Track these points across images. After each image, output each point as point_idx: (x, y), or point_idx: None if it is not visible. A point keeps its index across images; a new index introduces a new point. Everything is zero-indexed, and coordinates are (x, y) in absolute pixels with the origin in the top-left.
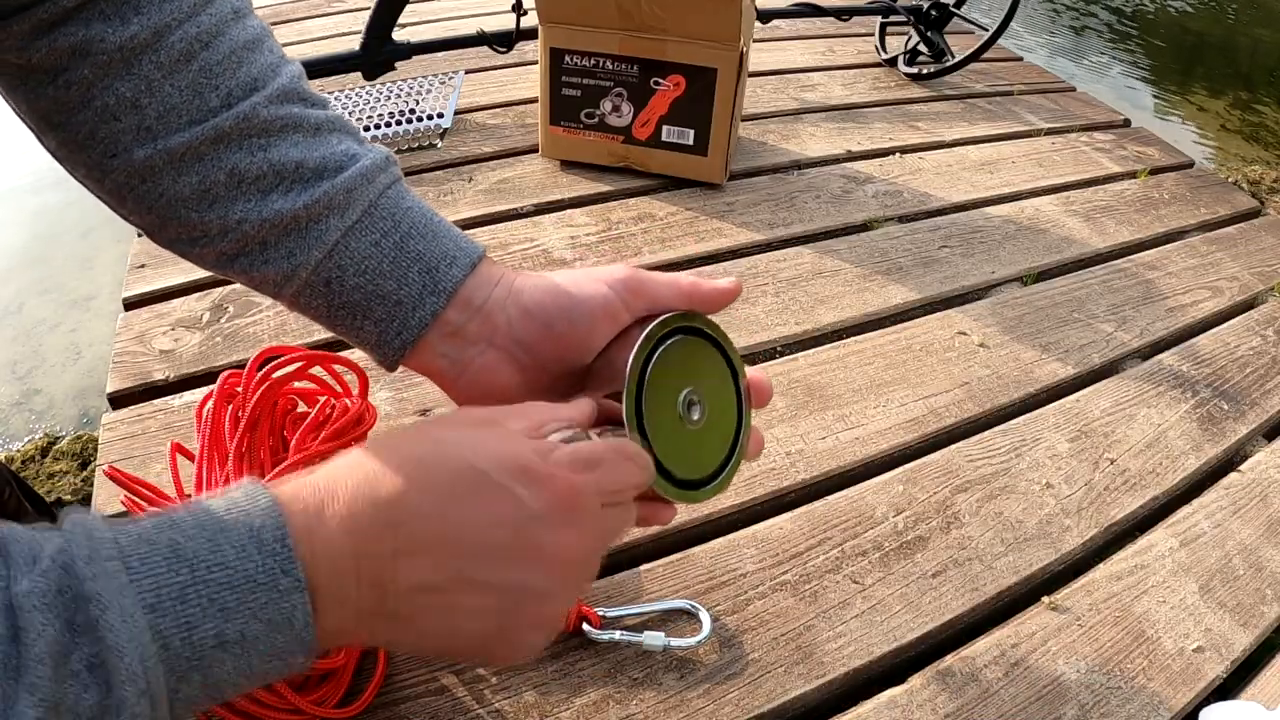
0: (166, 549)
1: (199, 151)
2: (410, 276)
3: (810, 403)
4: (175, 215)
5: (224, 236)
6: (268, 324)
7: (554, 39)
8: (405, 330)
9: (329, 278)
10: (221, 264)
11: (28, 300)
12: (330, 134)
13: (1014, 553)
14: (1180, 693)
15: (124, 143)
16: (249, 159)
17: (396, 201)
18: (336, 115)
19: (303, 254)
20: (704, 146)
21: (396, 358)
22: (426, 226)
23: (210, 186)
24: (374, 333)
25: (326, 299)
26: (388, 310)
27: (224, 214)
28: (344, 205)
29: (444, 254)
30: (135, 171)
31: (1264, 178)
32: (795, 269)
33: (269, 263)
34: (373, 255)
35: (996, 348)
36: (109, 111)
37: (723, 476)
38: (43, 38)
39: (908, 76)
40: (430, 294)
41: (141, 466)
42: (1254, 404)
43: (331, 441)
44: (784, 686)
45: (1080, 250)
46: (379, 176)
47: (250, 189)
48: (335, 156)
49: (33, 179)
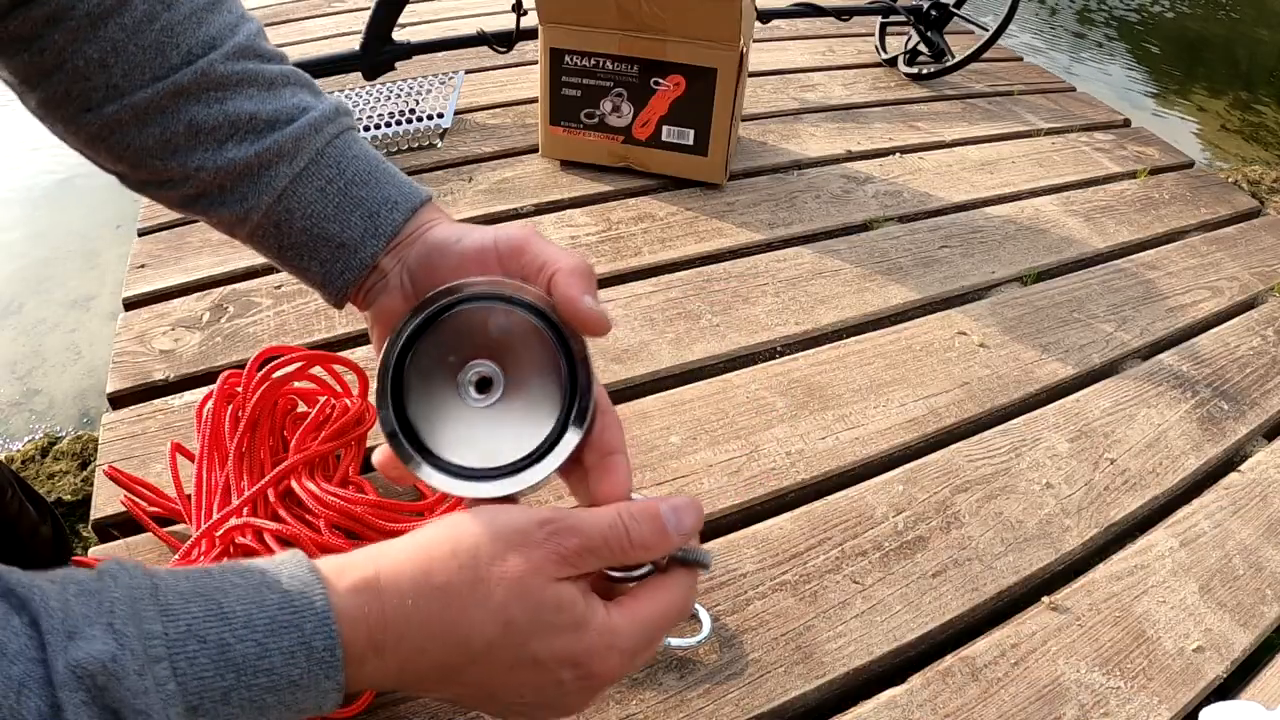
0: (215, 649)
1: (161, 105)
2: (352, 221)
3: (810, 403)
4: (142, 163)
5: (185, 182)
6: (268, 324)
7: (554, 39)
8: (348, 271)
9: (278, 220)
10: (185, 205)
11: (28, 300)
12: (284, 87)
13: (1014, 553)
14: (1180, 693)
15: (95, 99)
16: (206, 111)
17: (343, 150)
18: (291, 69)
19: (254, 198)
20: (704, 146)
21: (341, 296)
22: (370, 174)
23: (171, 138)
24: (319, 273)
25: (276, 240)
26: (331, 252)
27: (184, 162)
28: (292, 153)
29: (385, 199)
30: (105, 125)
31: (1264, 178)
32: (795, 269)
33: (225, 205)
34: (318, 200)
35: (996, 348)
36: (80, 73)
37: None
38: (19, 9)
39: (908, 76)
40: (370, 237)
41: (141, 466)
42: (1254, 404)
43: (331, 441)
44: (784, 686)
45: (1080, 250)
46: (327, 126)
47: (208, 139)
48: (287, 109)
49: (33, 179)
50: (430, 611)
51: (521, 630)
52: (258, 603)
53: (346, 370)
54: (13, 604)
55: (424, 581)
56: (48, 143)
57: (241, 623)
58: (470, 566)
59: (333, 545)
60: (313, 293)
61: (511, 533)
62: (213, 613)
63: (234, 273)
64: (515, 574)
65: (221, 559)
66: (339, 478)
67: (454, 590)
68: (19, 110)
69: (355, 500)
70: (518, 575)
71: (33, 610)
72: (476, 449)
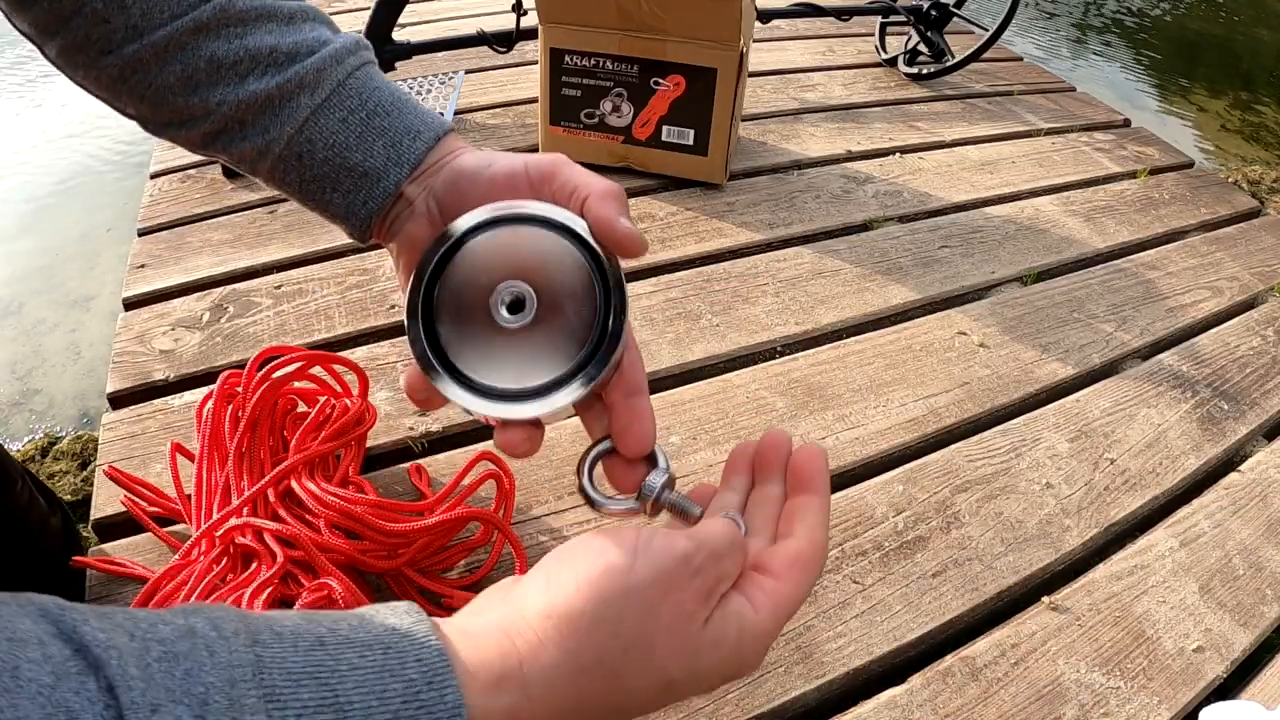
0: None
1: (181, 42)
2: (375, 150)
3: (810, 403)
4: (164, 102)
5: (207, 118)
6: (268, 324)
7: (554, 39)
8: (371, 200)
9: (300, 152)
10: (206, 143)
11: (28, 300)
12: (304, 22)
13: (1014, 553)
14: (1180, 693)
15: (115, 41)
16: (226, 46)
17: (365, 82)
18: (309, 6)
19: (276, 129)
20: (704, 146)
21: (365, 227)
22: (393, 104)
23: (192, 74)
24: (342, 204)
25: (298, 173)
26: (354, 182)
27: (206, 97)
28: (314, 84)
29: (408, 128)
30: (126, 66)
31: (1264, 178)
32: (795, 269)
33: (246, 139)
34: (340, 130)
35: (996, 348)
36: (98, 15)
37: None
38: None
39: (908, 76)
40: (394, 165)
41: (141, 466)
42: (1254, 404)
43: (331, 441)
44: (784, 686)
45: (1080, 250)
46: (348, 59)
47: (229, 74)
48: (307, 42)
49: (33, 179)
50: (582, 692)
51: (682, 684)
52: (379, 694)
53: (346, 370)
54: (89, 662)
55: (572, 664)
56: (47, 143)
57: (360, 717)
58: (619, 635)
59: (333, 545)
60: (313, 293)
61: (656, 578)
62: (327, 702)
63: (234, 273)
64: (669, 631)
65: (221, 559)
66: (339, 478)
67: (607, 665)
68: (19, 111)
69: (355, 500)
70: (672, 632)
71: (109, 676)
72: (505, 369)
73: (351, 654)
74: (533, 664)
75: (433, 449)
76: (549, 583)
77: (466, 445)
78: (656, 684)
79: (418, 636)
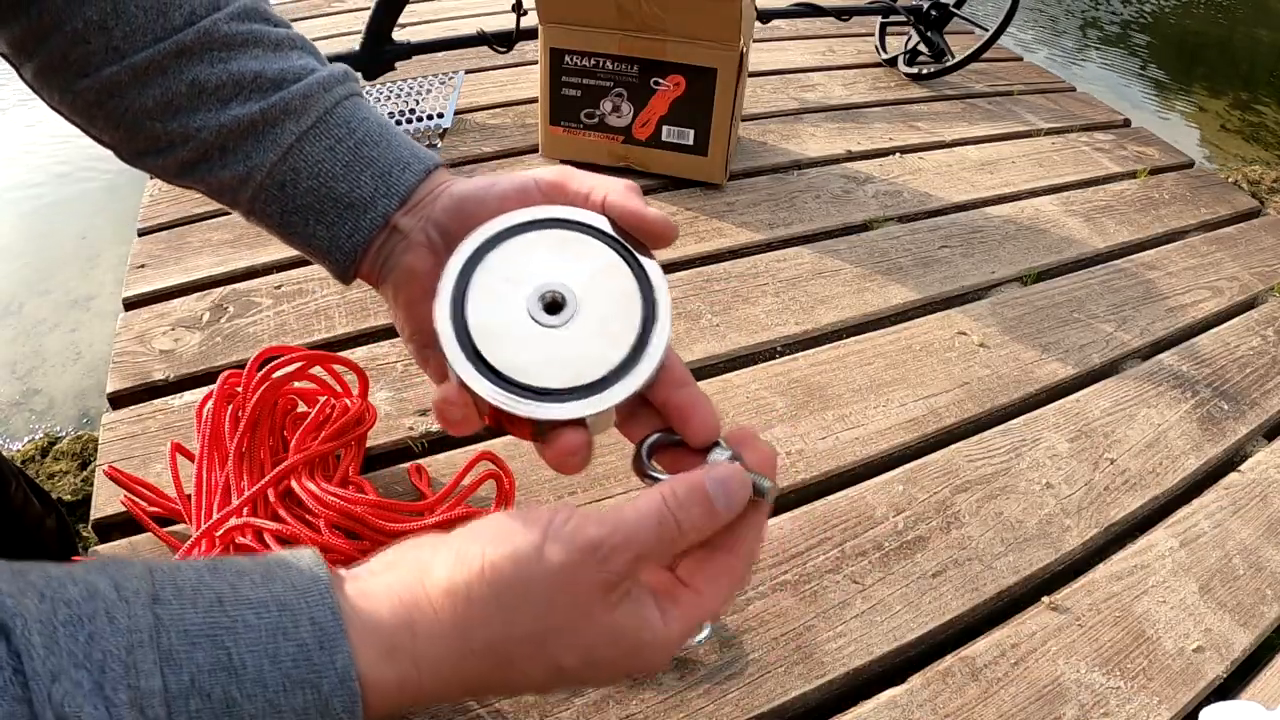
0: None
1: (162, 65)
2: (363, 180)
3: (810, 403)
4: (140, 128)
5: (185, 144)
6: (268, 324)
7: (554, 39)
8: (357, 233)
9: (283, 180)
10: (183, 173)
11: (28, 300)
12: (290, 50)
13: (1014, 553)
14: (1180, 693)
15: (94, 63)
16: (209, 70)
17: (353, 111)
18: (298, 34)
19: (258, 156)
20: (704, 146)
21: (349, 263)
22: (382, 135)
23: (173, 98)
24: (325, 237)
25: (280, 203)
26: (339, 213)
27: (185, 123)
28: (300, 110)
29: (398, 160)
30: (103, 88)
31: (1264, 178)
32: (795, 269)
33: (227, 166)
34: (326, 159)
35: (996, 348)
36: (79, 35)
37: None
38: None
39: (908, 76)
40: (382, 196)
41: (141, 466)
42: (1254, 404)
43: (331, 441)
44: (784, 686)
45: (1080, 250)
46: (336, 88)
47: (210, 99)
48: (294, 69)
49: (33, 179)
50: (472, 672)
51: (574, 671)
52: (271, 655)
53: (346, 370)
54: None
55: (463, 646)
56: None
57: (252, 678)
58: (513, 624)
59: (333, 545)
60: (313, 293)
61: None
62: (221, 663)
63: (234, 273)
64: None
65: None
66: (339, 478)
67: (498, 651)
68: (18, 111)
69: (355, 500)
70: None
71: (15, 643)
72: (550, 370)
73: (249, 613)
74: (425, 639)
75: (433, 449)
76: (457, 559)
77: (466, 445)
78: (546, 670)
79: (314, 595)
